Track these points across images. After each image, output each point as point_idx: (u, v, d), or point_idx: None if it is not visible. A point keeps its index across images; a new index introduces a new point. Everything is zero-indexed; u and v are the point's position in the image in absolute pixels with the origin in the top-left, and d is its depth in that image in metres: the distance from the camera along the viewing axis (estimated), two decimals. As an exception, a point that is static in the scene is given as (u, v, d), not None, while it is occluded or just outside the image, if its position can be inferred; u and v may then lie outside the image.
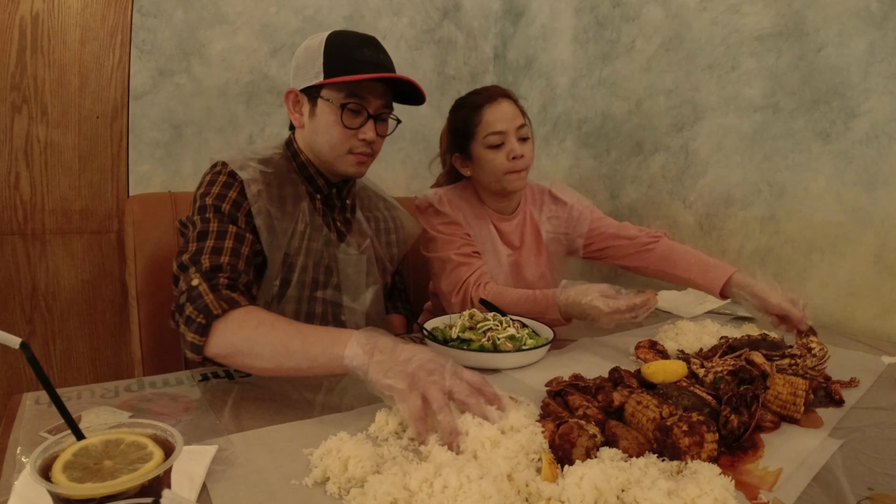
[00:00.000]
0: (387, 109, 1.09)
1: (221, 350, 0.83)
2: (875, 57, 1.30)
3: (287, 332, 0.82)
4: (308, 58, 1.04)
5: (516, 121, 1.35)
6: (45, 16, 1.50)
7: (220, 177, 1.02)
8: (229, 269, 0.91)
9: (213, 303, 0.84)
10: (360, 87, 1.02)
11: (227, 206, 0.99)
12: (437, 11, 2.18)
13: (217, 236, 0.95)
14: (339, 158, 1.07)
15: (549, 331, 1.13)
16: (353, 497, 0.57)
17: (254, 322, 0.83)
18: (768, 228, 1.54)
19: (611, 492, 0.56)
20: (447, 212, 1.40)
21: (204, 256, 0.91)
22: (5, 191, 1.52)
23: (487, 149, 1.35)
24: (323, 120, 1.05)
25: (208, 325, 0.82)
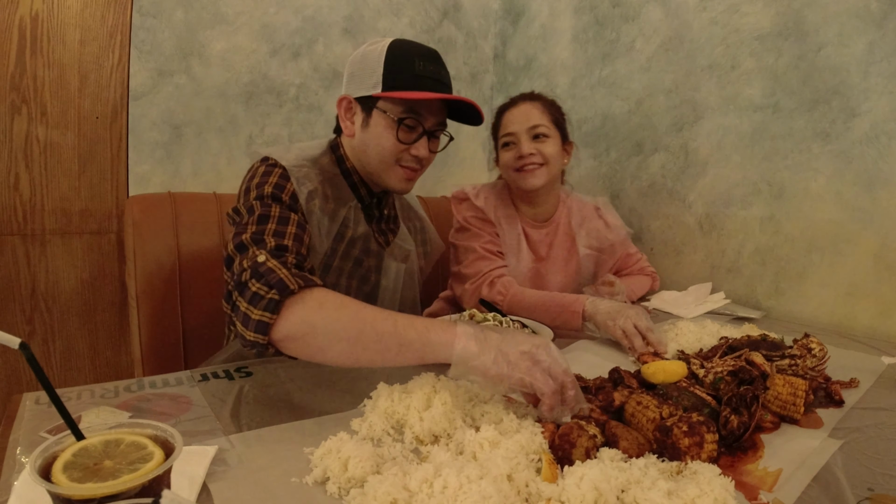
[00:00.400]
0: (441, 127, 1.08)
1: (296, 329, 0.75)
2: (875, 57, 1.30)
3: (377, 314, 0.76)
4: (366, 66, 1.01)
5: (529, 122, 1.41)
6: (44, 16, 1.50)
7: (275, 169, 0.99)
8: (296, 251, 0.86)
9: (287, 278, 0.77)
10: (419, 103, 1.01)
11: (287, 198, 0.96)
12: (436, 11, 2.18)
13: (279, 221, 0.90)
14: (388, 171, 1.06)
15: (549, 331, 1.13)
16: (353, 497, 0.57)
17: (336, 302, 0.77)
18: (768, 228, 1.54)
19: (611, 492, 0.56)
20: (481, 206, 1.45)
21: (268, 236, 0.86)
22: (5, 191, 1.52)
23: (502, 149, 1.47)
24: (377, 132, 1.03)
25: (280, 302, 0.75)
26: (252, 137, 1.83)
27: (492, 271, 1.36)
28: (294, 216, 0.93)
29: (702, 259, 1.70)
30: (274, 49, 1.83)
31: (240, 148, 1.82)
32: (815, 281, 1.45)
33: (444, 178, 2.31)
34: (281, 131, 1.88)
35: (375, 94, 1.00)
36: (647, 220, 1.85)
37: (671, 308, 1.49)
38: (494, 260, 1.39)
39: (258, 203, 0.92)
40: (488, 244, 1.41)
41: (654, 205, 1.83)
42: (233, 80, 1.77)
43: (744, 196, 1.59)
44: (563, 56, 2.10)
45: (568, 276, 1.54)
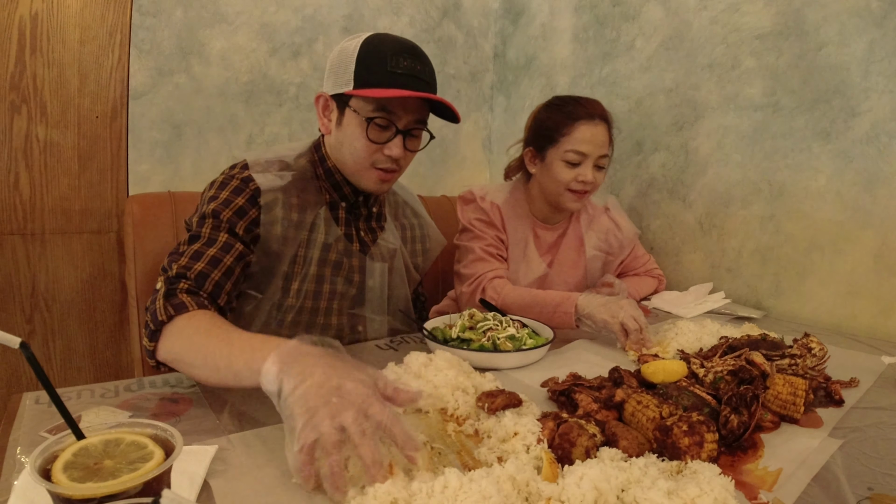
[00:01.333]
0: (419, 125, 1.03)
1: (168, 356, 0.82)
2: (875, 56, 1.30)
3: (218, 341, 0.75)
4: (342, 62, 0.99)
5: (602, 149, 1.36)
6: (44, 16, 1.50)
7: (232, 181, 1.00)
8: (196, 276, 0.90)
9: (160, 309, 0.84)
10: (393, 101, 0.97)
11: (229, 213, 0.97)
12: (436, 10, 2.18)
13: (205, 242, 0.94)
14: (362, 173, 1.04)
15: (548, 331, 1.13)
16: (353, 497, 0.57)
17: (191, 329, 0.81)
18: (768, 227, 1.54)
19: (611, 492, 0.56)
20: (487, 210, 1.42)
21: (181, 259, 0.92)
22: (5, 191, 1.52)
23: (562, 162, 1.36)
24: (349, 131, 1.01)
25: (157, 331, 0.83)
26: (252, 137, 1.83)
27: (487, 273, 1.35)
28: (223, 237, 0.95)
29: (702, 259, 1.70)
30: (274, 48, 1.83)
31: (240, 147, 1.82)
32: (815, 280, 1.45)
33: (445, 178, 2.31)
34: (281, 130, 1.88)
35: (347, 91, 0.97)
36: (647, 220, 1.85)
37: (671, 308, 1.49)
38: (492, 262, 1.38)
39: (197, 221, 0.98)
40: (489, 247, 1.40)
41: (654, 204, 1.83)
42: (233, 79, 1.77)
43: (744, 195, 1.59)
44: (563, 55, 2.10)
45: (576, 277, 1.54)
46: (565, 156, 1.35)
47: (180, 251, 0.94)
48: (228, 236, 0.96)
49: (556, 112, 1.39)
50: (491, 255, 1.40)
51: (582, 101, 1.39)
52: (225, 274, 0.94)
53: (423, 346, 1.08)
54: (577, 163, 1.35)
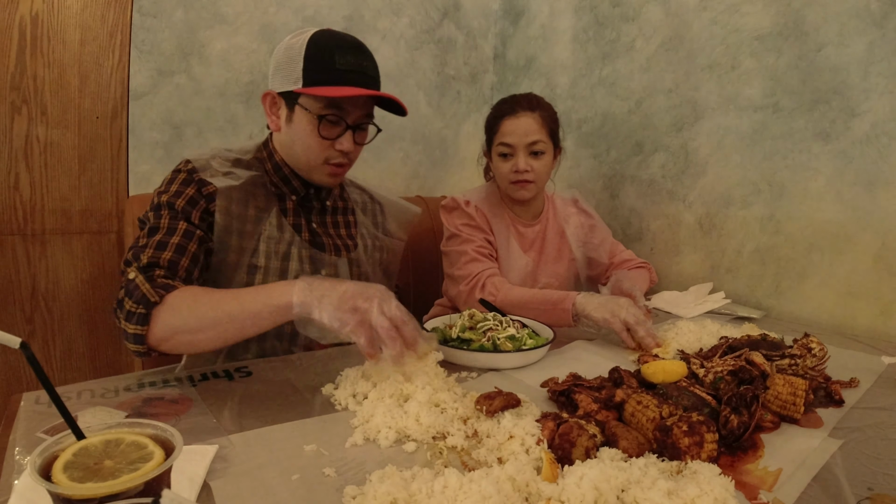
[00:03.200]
0: (367, 119, 1.06)
1: (164, 334, 0.84)
2: (875, 56, 1.30)
3: (223, 299, 0.84)
4: (288, 60, 1.00)
5: (529, 137, 1.41)
6: (44, 16, 1.50)
7: (179, 174, 1.02)
8: (167, 263, 0.93)
9: (149, 291, 0.86)
10: (342, 98, 1.00)
11: (182, 203, 0.98)
12: (436, 11, 2.18)
13: (166, 231, 0.96)
14: (314, 168, 1.06)
15: (549, 331, 1.13)
16: (353, 496, 0.57)
17: (189, 299, 0.85)
18: (768, 228, 1.54)
19: (611, 492, 0.56)
20: (473, 215, 1.47)
21: (147, 251, 0.93)
22: (5, 191, 1.52)
23: (498, 157, 1.46)
24: (300, 128, 1.03)
25: (148, 314, 0.85)
26: (252, 137, 1.83)
27: (484, 271, 1.37)
28: (182, 225, 0.97)
29: (702, 259, 1.70)
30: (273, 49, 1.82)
31: (240, 148, 1.82)
32: (815, 281, 1.45)
33: (445, 179, 2.32)
34: (281, 131, 1.88)
35: (296, 89, 0.99)
36: (647, 220, 1.85)
37: (671, 308, 1.49)
38: (486, 261, 1.41)
39: (153, 214, 0.99)
40: (481, 248, 1.43)
41: (654, 205, 1.83)
42: (233, 79, 1.77)
43: (744, 196, 1.59)
44: (563, 56, 2.10)
45: (561, 270, 1.58)
46: (497, 149, 1.45)
47: (141, 244, 0.94)
48: (187, 224, 0.98)
49: (490, 116, 1.50)
50: (483, 255, 1.42)
51: (507, 98, 1.48)
52: (192, 260, 0.96)
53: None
54: (508, 154, 1.43)
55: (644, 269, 1.61)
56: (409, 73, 2.14)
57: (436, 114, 2.22)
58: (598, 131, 1.99)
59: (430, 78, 2.21)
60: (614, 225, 1.94)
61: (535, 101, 1.45)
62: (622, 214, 1.93)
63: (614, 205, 1.95)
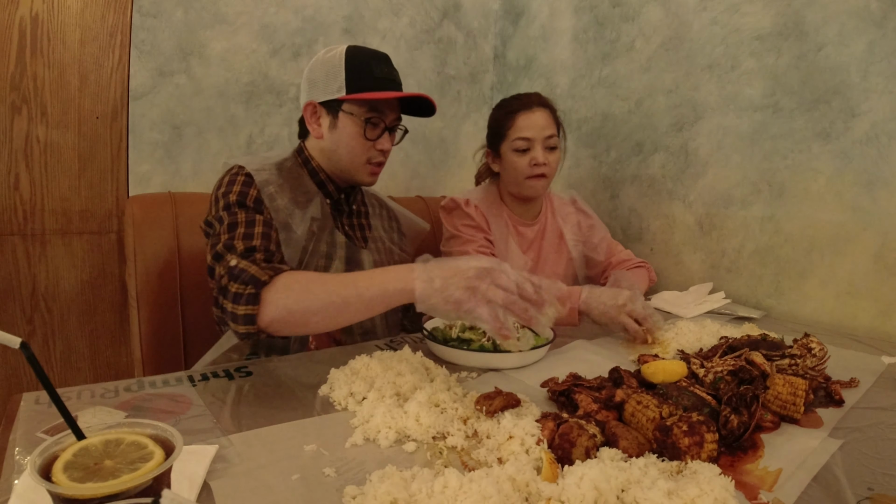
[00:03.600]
0: (398, 121, 1.17)
1: (277, 314, 0.84)
2: (875, 56, 1.30)
3: (339, 282, 0.86)
4: (328, 72, 1.09)
5: (546, 130, 1.44)
6: (44, 16, 1.50)
7: (238, 177, 1.07)
8: (263, 249, 0.96)
9: (258, 272, 0.87)
10: (380, 102, 1.10)
11: (251, 202, 1.04)
12: (436, 11, 2.18)
13: (247, 225, 0.99)
14: (358, 168, 1.15)
15: (548, 331, 1.13)
16: (353, 496, 0.57)
17: (303, 282, 0.87)
18: (768, 228, 1.54)
19: (611, 492, 0.56)
20: (472, 215, 1.48)
21: (237, 241, 0.95)
22: (5, 191, 1.52)
23: (514, 152, 1.45)
24: (346, 132, 1.11)
25: (258, 294, 0.85)
26: (252, 137, 1.83)
27: None
28: (259, 217, 1.02)
29: (702, 259, 1.70)
30: (274, 49, 1.83)
31: (240, 148, 1.82)
32: (815, 281, 1.45)
33: (445, 179, 2.32)
34: (281, 131, 1.88)
35: (341, 97, 1.08)
36: (647, 220, 1.85)
37: (671, 308, 1.49)
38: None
39: (226, 213, 1.01)
40: (482, 248, 1.45)
41: (654, 205, 1.83)
42: (233, 80, 1.77)
43: (744, 196, 1.59)
44: (563, 56, 2.10)
45: (559, 270, 1.58)
46: (514, 144, 1.44)
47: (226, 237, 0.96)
48: (262, 216, 1.02)
49: (498, 111, 1.50)
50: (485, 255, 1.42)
51: (518, 96, 1.49)
52: (278, 247, 1.02)
53: (423, 346, 1.08)
54: (525, 148, 1.43)
55: (643, 269, 1.61)
56: (409, 73, 2.14)
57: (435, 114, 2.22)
58: (598, 131, 1.99)
59: (430, 78, 2.21)
60: (614, 225, 1.94)
61: (545, 98, 1.49)
62: (622, 214, 1.93)
63: (614, 205, 1.95)
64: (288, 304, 0.85)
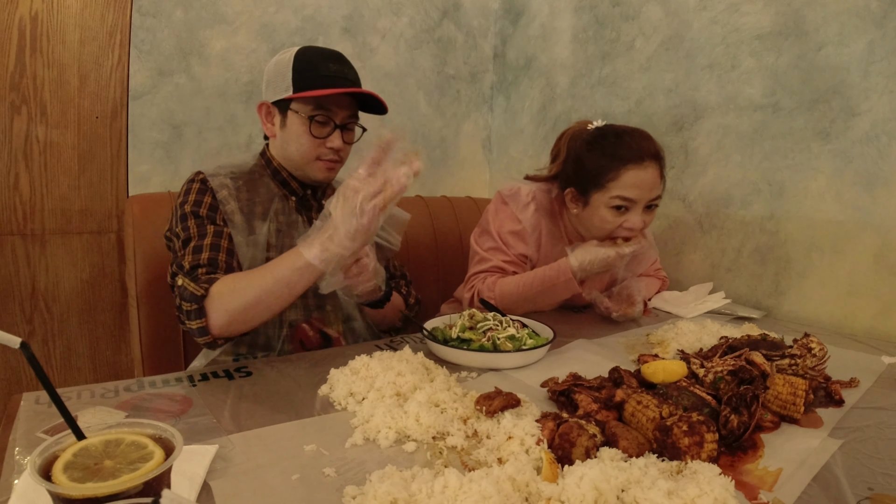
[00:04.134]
0: (352, 119, 1.16)
1: (222, 319, 0.93)
2: (875, 56, 1.30)
3: (257, 275, 0.93)
4: (278, 72, 1.12)
5: (653, 192, 1.25)
6: (44, 16, 1.50)
7: (193, 184, 1.12)
8: (208, 262, 1.02)
9: (195, 288, 0.96)
10: (328, 100, 1.10)
11: (205, 210, 1.09)
12: (436, 11, 2.18)
13: (198, 237, 1.06)
14: (309, 165, 1.16)
15: (549, 331, 1.13)
16: (353, 496, 0.57)
17: (230, 284, 0.95)
18: (768, 228, 1.54)
19: (611, 492, 0.56)
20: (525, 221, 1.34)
21: (186, 259, 1.02)
22: (5, 191, 1.52)
23: (608, 209, 1.25)
24: (293, 130, 1.13)
25: (201, 308, 0.94)
26: (252, 137, 1.83)
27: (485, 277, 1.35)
28: (210, 227, 1.07)
29: (702, 258, 1.70)
30: (274, 49, 1.82)
31: (239, 147, 1.82)
32: (815, 280, 1.45)
33: (444, 178, 2.31)
34: (281, 131, 1.88)
35: (287, 96, 1.10)
36: (647, 220, 1.85)
37: (671, 308, 1.49)
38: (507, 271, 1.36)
39: (180, 226, 1.08)
40: (506, 263, 1.34)
41: (654, 204, 1.83)
42: (232, 79, 1.77)
43: (744, 195, 1.59)
44: (562, 55, 2.10)
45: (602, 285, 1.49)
46: (612, 202, 1.24)
47: (180, 255, 1.04)
48: (214, 226, 1.08)
49: (600, 154, 1.26)
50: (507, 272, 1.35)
51: (628, 141, 1.26)
52: (228, 254, 1.07)
53: (423, 346, 1.08)
54: (625, 207, 1.25)
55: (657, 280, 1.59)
56: (409, 72, 2.14)
57: (435, 113, 2.22)
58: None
59: (429, 77, 2.21)
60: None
61: (658, 148, 1.27)
62: (622, 214, 1.93)
63: (614, 204, 1.95)
64: (226, 307, 0.93)
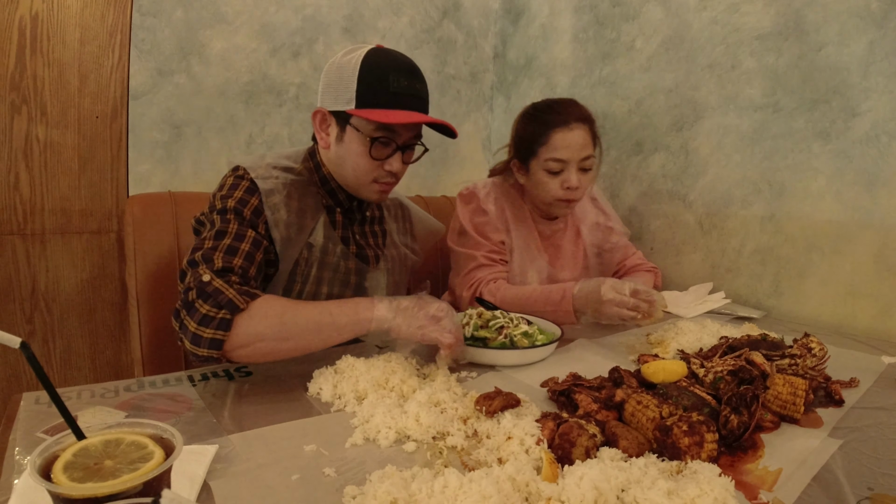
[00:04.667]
0: (415, 140, 1.08)
1: (247, 340, 0.84)
2: (875, 56, 1.30)
3: (313, 309, 0.89)
4: (341, 79, 1.00)
5: (583, 151, 1.32)
6: (44, 16, 1.50)
7: (242, 181, 1.02)
8: (240, 271, 0.91)
9: (236, 297, 0.84)
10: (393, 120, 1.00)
11: (249, 212, 0.99)
12: (436, 11, 2.18)
13: (235, 237, 0.94)
14: (363, 186, 1.08)
15: (555, 328, 1.14)
16: (353, 496, 0.57)
17: (278, 307, 0.87)
18: (768, 228, 1.54)
19: (611, 492, 0.56)
20: (490, 212, 1.39)
21: (217, 254, 0.90)
22: (5, 191, 1.52)
23: (545, 172, 1.34)
24: (351, 148, 1.03)
25: (231, 320, 0.83)
26: (252, 137, 1.83)
27: (486, 277, 1.35)
28: (251, 233, 0.96)
29: (702, 259, 1.70)
30: (274, 48, 1.83)
31: (240, 147, 1.82)
32: (815, 280, 1.45)
33: (444, 179, 2.31)
34: (281, 131, 1.88)
35: (349, 110, 1.00)
36: (647, 220, 1.85)
37: (671, 308, 1.49)
38: (495, 267, 1.37)
39: (219, 217, 0.97)
40: (491, 253, 1.38)
41: (654, 204, 1.83)
42: (233, 79, 1.77)
43: (744, 195, 1.59)
44: (563, 55, 2.10)
45: (576, 270, 1.53)
46: (546, 165, 1.33)
47: (209, 246, 0.92)
48: (255, 233, 0.97)
49: (531, 123, 1.36)
50: (493, 260, 1.38)
51: (555, 107, 1.36)
52: (258, 269, 0.97)
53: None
54: (558, 170, 1.33)
55: (650, 274, 1.59)
56: (409, 72, 2.14)
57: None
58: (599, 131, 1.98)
59: (430, 77, 2.17)
60: (614, 225, 1.94)
61: (585, 112, 1.36)
62: (622, 214, 1.92)
63: (614, 204, 1.94)
64: (261, 331, 0.84)
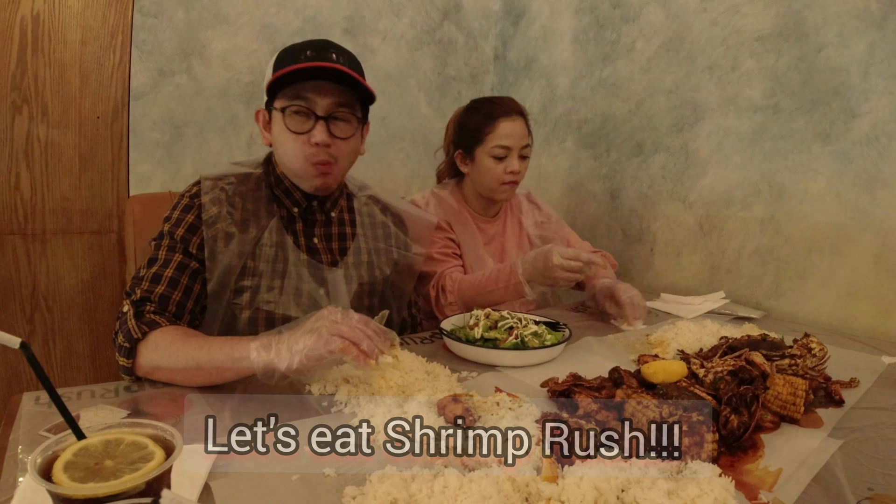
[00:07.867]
0: (342, 108, 1.00)
1: (148, 368, 0.88)
2: (875, 57, 1.30)
3: (196, 346, 0.85)
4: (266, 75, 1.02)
5: (523, 140, 1.46)
6: (45, 16, 1.50)
7: (183, 199, 1.04)
8: (158, 298, 0.95)
9: (133, 328, 0.89)
10: (304, 88, 0.97)
11: (181, 231, 1.00)
12: (437, 12, 2.18)
13: (162, 264, 0.98)
14: (301, 171, 1.03)
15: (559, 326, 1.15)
16: (353, 496, 0.57)
17: (167, 340, 0.87)
18: (768, 229, 1.54)
19: (611, 492, 0.56)
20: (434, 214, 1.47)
21: (143, 283, 0.95)
22: (6, 191, 1.52)
23: (490, 158, 1.45)
24: (276, 130, 1.01)
25: (133, 349, 0.88)
26: (253, 137, 1.83)
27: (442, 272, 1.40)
28: (178, 257, 0.99)
29: (702, 259, 1.70)
30: (275, 49, 1.80)
31: (240, 148, 1.82)
32: (815, 281, 1.45)
33: (445, 179, 2.31)
34: (281, 131, 1.88)
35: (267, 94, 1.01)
36: (648, 221, 1.85)
37: (672, 308, 1.49)
38: (449, 261, 1.45)
39: (154, 244, 1.01)
40: (444, 248, 1.46)
41: (654, 205, 1.83)
42: (233, 80, 1.78)
43: (744, 197, 1.59)
44: (563, 57, 2.10)
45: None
46: (492, 151, 1.44)
47: (141, 275, 0.97)
48: (182, 256, 0.99)
49: (476, 114, 1.48)
50: (447, 255, 1.46)
51: (497, 101, 1.49)
52: (184, 293, 0.98)
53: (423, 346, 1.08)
54: (503, 156, 1.44)
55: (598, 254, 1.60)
56: (410, 73, 2.14)
57: (436, 114, 2.21)
58: (599, 132, 1.99)
59: (430, 78, 2.21)
60: (614, 226, 1.94)
61: (520, 105, 1.49)
62: (622, 215, 1.93)
63: (614, 205, 1.95)
64: (155, 361, 0.87)
